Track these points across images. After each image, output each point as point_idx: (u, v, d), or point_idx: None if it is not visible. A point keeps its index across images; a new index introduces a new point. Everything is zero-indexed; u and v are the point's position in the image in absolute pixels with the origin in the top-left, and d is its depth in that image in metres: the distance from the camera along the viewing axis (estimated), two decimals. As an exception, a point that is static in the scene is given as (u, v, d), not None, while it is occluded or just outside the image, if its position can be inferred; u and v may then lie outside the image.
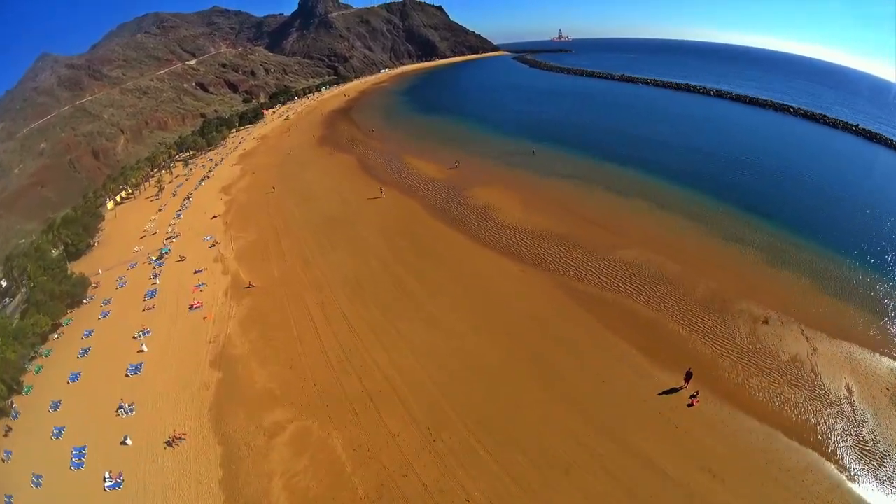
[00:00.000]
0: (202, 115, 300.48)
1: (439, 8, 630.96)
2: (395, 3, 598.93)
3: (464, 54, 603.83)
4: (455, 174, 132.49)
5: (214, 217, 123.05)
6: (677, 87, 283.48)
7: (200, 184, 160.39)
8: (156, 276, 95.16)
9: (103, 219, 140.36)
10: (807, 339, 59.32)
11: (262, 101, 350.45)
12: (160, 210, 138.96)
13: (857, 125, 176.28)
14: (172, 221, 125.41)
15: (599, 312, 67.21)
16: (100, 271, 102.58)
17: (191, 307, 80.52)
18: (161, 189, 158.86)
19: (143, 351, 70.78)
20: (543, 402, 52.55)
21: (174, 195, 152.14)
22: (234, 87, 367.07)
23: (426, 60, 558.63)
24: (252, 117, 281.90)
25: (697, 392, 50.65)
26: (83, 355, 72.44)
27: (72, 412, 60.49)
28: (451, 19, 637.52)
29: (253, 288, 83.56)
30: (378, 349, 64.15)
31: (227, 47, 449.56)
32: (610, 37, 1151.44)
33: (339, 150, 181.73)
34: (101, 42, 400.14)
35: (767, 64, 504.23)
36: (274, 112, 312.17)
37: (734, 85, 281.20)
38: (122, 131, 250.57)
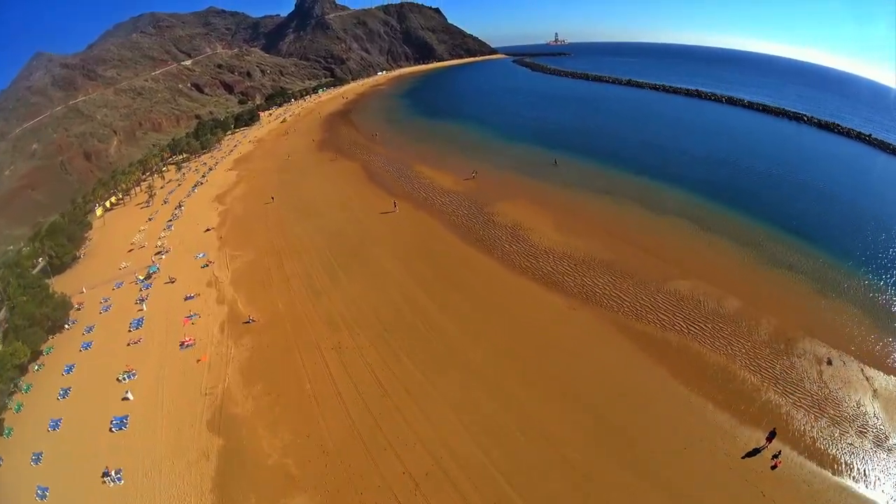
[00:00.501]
0: (197, 117, 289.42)
1: (437, 10, 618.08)
2: (392, 4, 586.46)
3: (461, 57, 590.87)
4: (473, 186, 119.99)
5: (208, 230, 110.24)
6: (687, 93, 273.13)
7: (193, 190, 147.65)
8: (142, 300, 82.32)
9: (91, 227, 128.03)
10: (867, 378, 54.63)
11: (258, 102, 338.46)
12: (150, 219, 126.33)
13: (870, 135, 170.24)
14: (162, 234, 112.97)
15: (665, 359, 57.00)
16: (83, 289, 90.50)
17: (182, 344, 67.35)
18: (152, 195, 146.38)
19: (128, 399, 58.50)
20: (625, 485, 41.73)
21: (165, 202, 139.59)
22: (229, 89, 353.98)
23: (423, 63, 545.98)
24: (248, 119, 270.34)
25: (780, 451, 44.46)
26: (63, 397, 61.44)
27: (55, 470, 50.32)
28: (449, 22, 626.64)
29: (253, 323, 70.22)
30: (415, 413, 51.27)
31: (222, 48, 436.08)
32: (605, 41, 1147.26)
33: (341, 155, 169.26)
34: (96, 42, 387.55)
35: (767, 68, 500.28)
36: (270, 114, 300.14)
37: (742, 91, 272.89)
38: (115, 132, 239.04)
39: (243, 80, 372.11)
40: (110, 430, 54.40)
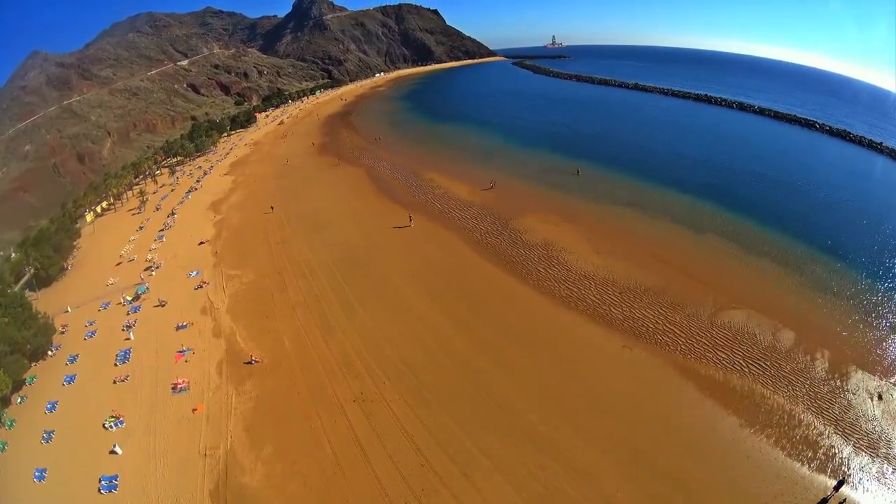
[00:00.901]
0: (192, 118, 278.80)
1: (435, 11, 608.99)
2: (390, 5, 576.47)
3: (460, 59, 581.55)
4: (492, 197, 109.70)
5: (202, 243, 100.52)
6: (697, 98, 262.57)
7: (187, 196, 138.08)
8: (129, 326, 72.49)
9: (79, 235, 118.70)
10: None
11: (255, 103, 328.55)
12: (141, 228, 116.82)
13: (882, 143, 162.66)
14: (153, 245, 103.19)
15: (732, 405, 49.45)
16: (68, 308, 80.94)
17: (174, 387, 57.33)
18: (144, 201, 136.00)
19: (115, 453, 49.35)
20: None
21: (158, 209, 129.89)
22: (226, 89, 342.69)
23: (422, 65, 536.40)
24: (244, 121, 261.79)
25: (845, 499, 40.64)
26: (47, 441, 53.09)
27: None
28: (448, 23, 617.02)
29: (256, 364, 59.72)
30: (465, 489, 41.38)
31: (219, 48, 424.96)
32: (602, 43, 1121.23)
33: (344, 160, 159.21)
34: (94, 41, 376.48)
35: (765, 72, 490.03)
36: (267, 115, 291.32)
37: (749, 95, 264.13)
38: (109, 133, 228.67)
39: (240, 81, 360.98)
40: (99, 490, 45.97)
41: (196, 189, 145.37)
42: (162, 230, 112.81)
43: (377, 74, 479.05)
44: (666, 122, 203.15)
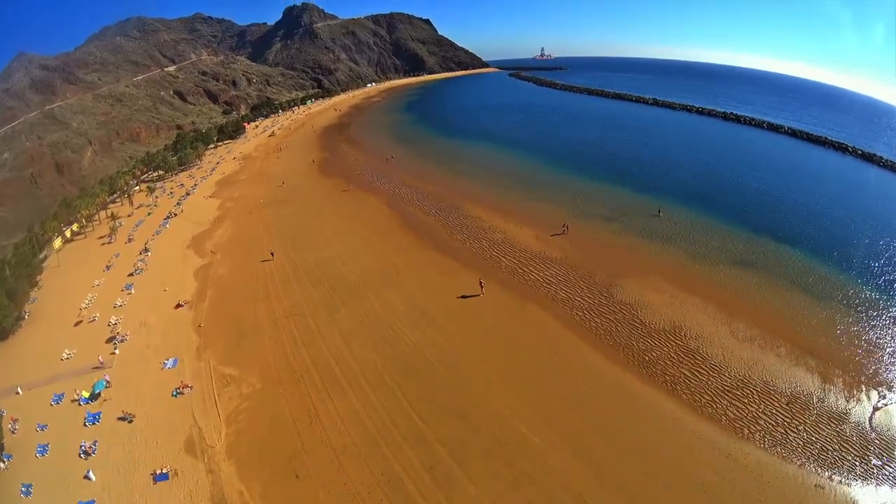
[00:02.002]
0: (178, 127, 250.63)
1: (427, 21, 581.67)
2: (381, 14, 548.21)
3: (453, 70, 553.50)
4: (571, 248, 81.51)
5: (179, 305, 72.16)
6: (725, 118, 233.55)
7: (165, 225, 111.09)
8: (87, 453, 45.59)
9: (42, 270, 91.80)
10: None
11: (244, 113, 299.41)
12: (108, 268, 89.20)
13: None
14: (119, 301, 75.24)
15: None
16: (19, 389, 56.68)
17: None
18: (115, 229, 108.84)
19: None
20: None
21: (130, 240, 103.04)
22: (213, 98, 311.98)
23: (413, 75, 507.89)
24: (232, 131, 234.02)
25: None
26: None
27: None
28: (440, 34, 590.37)
29: None
30: None
31: (208, 54, 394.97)
32: (589, 55, 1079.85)
33: (355, 184, 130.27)
34: (82, 45, 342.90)
35: (768, 86, 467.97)
36: (256, 126, 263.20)
37: (773, 115, 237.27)
38: (90, 142, 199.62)
39: (228, 89, 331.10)
40: None
41: (176, 215, 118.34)
42: (132, 274, 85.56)
43: (368, 84, 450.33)
44: (712, 144, 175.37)
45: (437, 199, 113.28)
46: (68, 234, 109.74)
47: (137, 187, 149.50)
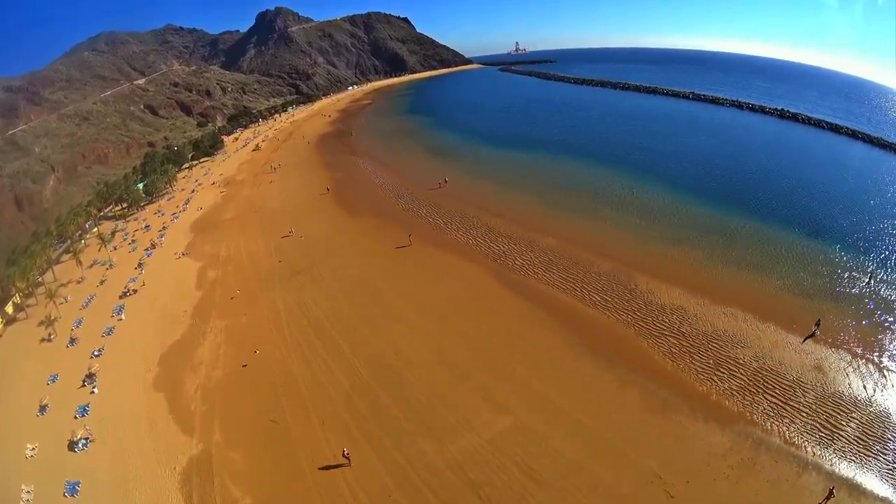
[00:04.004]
0: (150, 144, 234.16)
1: (405, 20, 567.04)
2: (358, 15, 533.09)
3: (435, 69, 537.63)
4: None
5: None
6: (732, 104, 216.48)
7: (119, 313, 72.55)
8: None
9: None
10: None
11: (220, 124, 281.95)
12: (43, 408, 52.34)
13: None
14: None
15: None
16: None
17: None
18: (54, 321, 70.81)
19: None
20: None
21: (73, 343, 66.10)
22: (187, 110, 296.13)
23: (395, 76, 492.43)
24: (209, 146, 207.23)
25: None
26: None
27: None
28: (419, 31, 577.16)
29: None
30: None
31: (179, 65, 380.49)
32: (563, 48, 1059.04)
33: (413, 233, 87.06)
34: (50, 64, 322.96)
35: (768, 72, 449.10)
36: (236, 138, 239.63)
37: (790, 103, 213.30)
38: (54, 169, 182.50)
39: (202, 100, 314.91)
40: None
41: (135, 291, 79.76)
42: (77, 436, 46.92)
43: (350, 88, 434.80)
44: (742, 138, 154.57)
45: (567, 260, 72.98)
46: (10, 310, 79.68)
47: (95, 230, 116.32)
